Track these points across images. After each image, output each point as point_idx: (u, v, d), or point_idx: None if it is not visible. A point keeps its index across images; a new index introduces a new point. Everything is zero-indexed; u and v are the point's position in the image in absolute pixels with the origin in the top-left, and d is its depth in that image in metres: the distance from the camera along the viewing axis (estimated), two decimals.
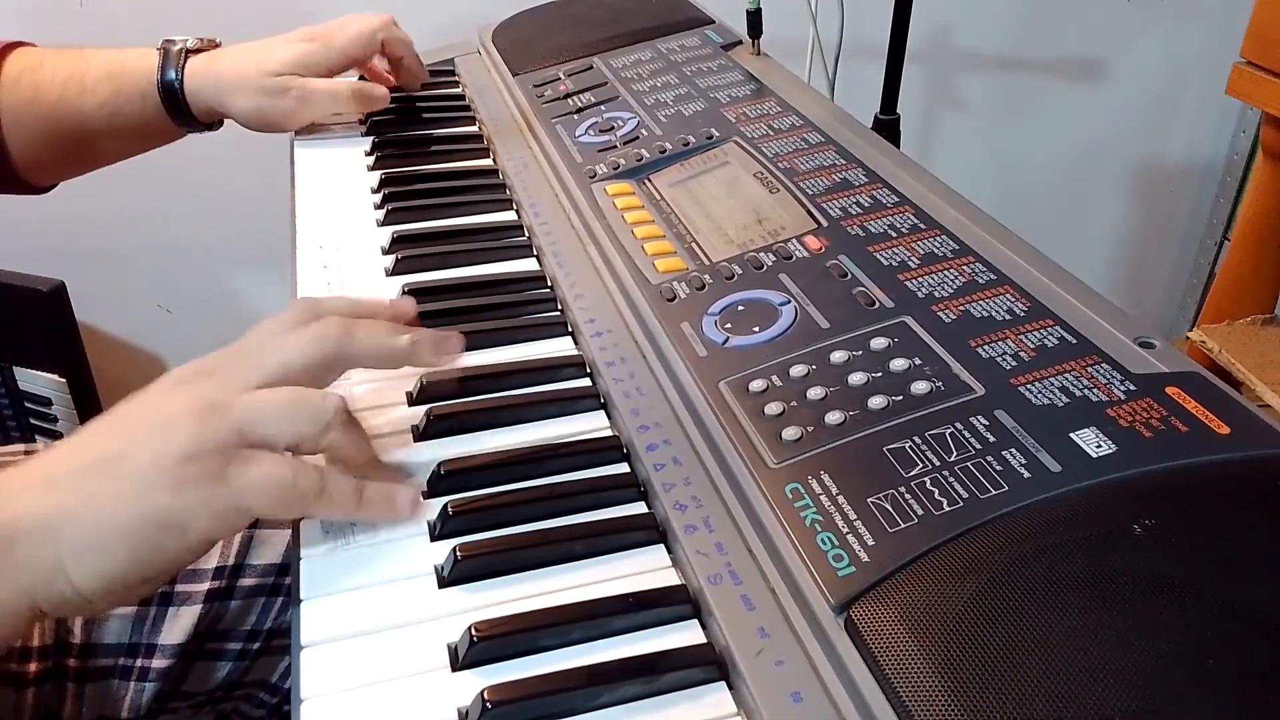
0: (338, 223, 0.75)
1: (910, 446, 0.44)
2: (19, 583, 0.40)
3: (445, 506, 0.47)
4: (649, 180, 0.72)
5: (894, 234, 0.59)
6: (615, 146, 0.76)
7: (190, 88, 0.79)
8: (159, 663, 0.60)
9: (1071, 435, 0.43)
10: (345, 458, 0.46)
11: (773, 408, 0.48)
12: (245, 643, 0.62)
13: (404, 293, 0.64)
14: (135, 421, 0.44)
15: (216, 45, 0.82)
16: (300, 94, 0.79)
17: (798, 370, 0.50)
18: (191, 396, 0.44)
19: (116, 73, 0.79)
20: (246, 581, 0.62)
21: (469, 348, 0.60)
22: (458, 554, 0.44)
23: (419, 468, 0.50)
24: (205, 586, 0.61)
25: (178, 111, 0.80)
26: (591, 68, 0.90)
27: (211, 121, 0.83)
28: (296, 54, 0.81)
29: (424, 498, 0.49)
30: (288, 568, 0.48)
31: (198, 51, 0.80)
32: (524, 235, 0.72)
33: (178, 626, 0.60)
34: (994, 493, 0.41)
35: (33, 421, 1.38)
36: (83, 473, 0.42)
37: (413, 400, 0.55)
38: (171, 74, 0.79)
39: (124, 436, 0.43)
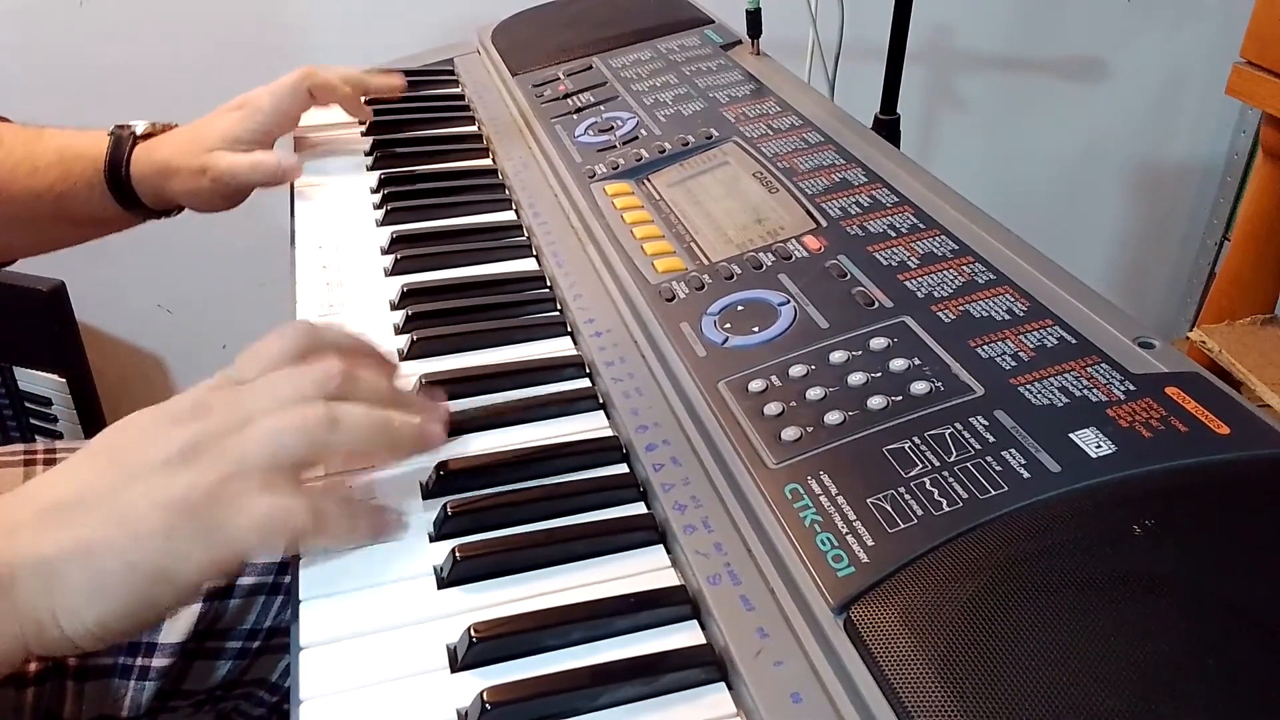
0: (337, 222, 0.75)
1: (910, 447, 0.44)
2: (13, 627, 0.39)
3: (444, 507, 0.47)
4: (648, 180, 0.72)
5: (893, 234, 0.59)
6: (614, 146, 0.76)
7: (136, 174, 0.75)
8: (159, 661, 0.60)
9: (1071, 435, 0.43)
10: (368, 401, 0.46)
11: (772, 408, 0.48)
12: (245, 641, 0.62)
13: (404, 293, 0.64)
14: (131, 456, 0.43)
15: (171, 128, 0.78)
16: (213, 173, 0.75)
17: (797, 370, 0.50)
18: (187, 439, 0.42)
19: (67, 157, 0.74)
20: (246, 580, 0.62)
21: (468, 347, 0.60)
22: (457, 555, 0.44)
23: (418, 468, 0.50)
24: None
25: (126, 199, 0.76)
26: (591, 68, 0.90)
27: (167, 209, 0.79)
28: (229, 126, 0.76)
29: (423, 498, 0.49)
30: (287, 565, 0.48)
31: (148, 136, 0.76)
32: (523, 235, 0.72)
33: (177, 625, 0.60)
34: (993, 493, 0.41)
35: (33, 421, 1.38)
36: (76, 510, 0.41)
37: None
38: (118, 161, 0.74)
39: (119, 473, 0.42)
